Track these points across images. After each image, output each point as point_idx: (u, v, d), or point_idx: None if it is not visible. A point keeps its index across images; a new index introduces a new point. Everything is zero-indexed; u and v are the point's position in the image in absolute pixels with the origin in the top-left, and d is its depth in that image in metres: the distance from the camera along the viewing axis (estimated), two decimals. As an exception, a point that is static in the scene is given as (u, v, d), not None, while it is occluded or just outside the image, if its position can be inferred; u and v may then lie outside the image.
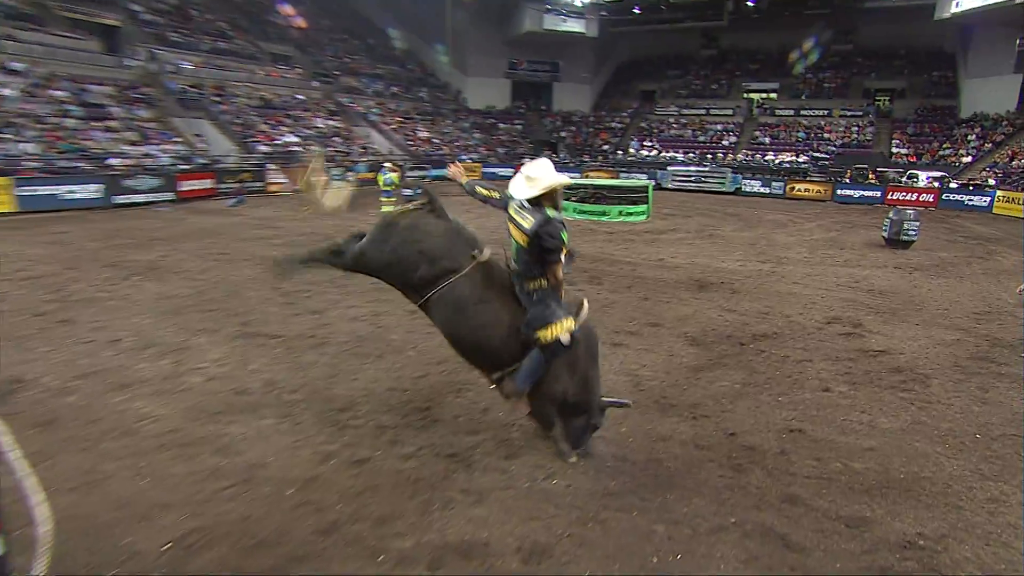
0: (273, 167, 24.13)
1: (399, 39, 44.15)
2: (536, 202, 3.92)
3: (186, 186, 20.19)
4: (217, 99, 27.15)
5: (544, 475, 4.22)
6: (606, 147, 40.35)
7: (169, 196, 19.44)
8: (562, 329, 3.94)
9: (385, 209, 7.02)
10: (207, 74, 28.19)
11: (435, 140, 36.30)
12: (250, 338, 6.77)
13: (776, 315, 8.51)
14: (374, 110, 35.49)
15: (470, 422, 4.98)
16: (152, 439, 4.53)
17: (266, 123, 27.91)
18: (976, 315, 8.94)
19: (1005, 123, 32.21)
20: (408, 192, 17.03)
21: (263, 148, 25.85)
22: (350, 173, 22.75)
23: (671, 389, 5.89)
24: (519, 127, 42.57)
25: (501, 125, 42.18)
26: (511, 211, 4.05)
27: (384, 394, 5.45)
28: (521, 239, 3.93)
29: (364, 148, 30.94)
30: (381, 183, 16.74)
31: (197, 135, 24.14)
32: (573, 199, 18.44)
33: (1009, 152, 29.95)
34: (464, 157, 35.14)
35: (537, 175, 3.89)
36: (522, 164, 4.94)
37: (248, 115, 27.65)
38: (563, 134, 42.22)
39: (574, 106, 44.84)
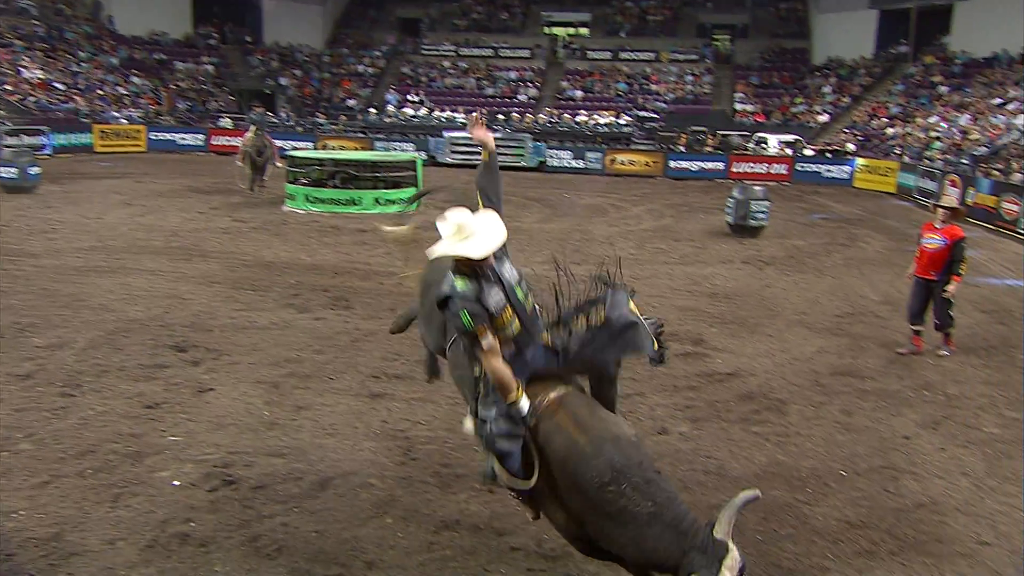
0: None
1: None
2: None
3: None
4: None
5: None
6: (351, 102, 40.63)
7: None
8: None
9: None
10: None
11: (57, 85, 33.49)
12: None
13: (598, 336, 9.23)
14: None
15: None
16: None
17: None
18: (838, 318, 10.62)
19: (863, 71, 38.94)
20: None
21: None
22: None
23: (457, 452, 6.13)
24: (210, 68, 41.03)
25: (179, 65, 40.32)
26: None
27: None
28: None
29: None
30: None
31: None
32: (303, 182, 18.24)
33: (868, 109, 36.21)
34: (115, 115, 32.99)
35: (476, 230, 3.83)
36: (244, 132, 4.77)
37: None
38: (283, 81, 41.63)
39: (299, 38, 44.51)
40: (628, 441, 3.84)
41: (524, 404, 3.85)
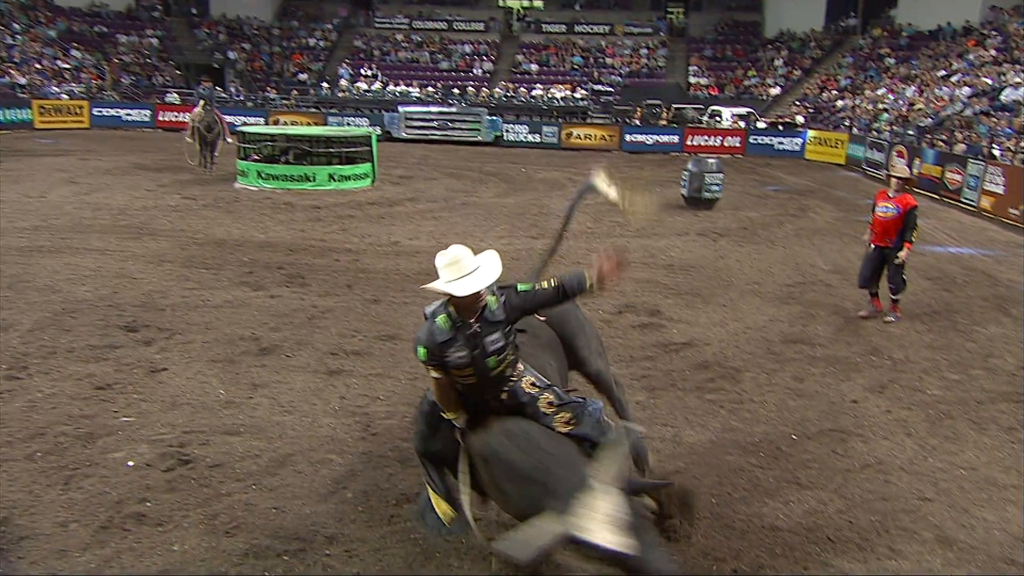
0: None
1: None
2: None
3: None
4: None
5: None
6: (302, 76, 40.09)
7: None
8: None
9: None
10: None
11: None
12: None
13: (554, 309, 9.32)
14: None
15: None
16: None
17: None
18: (789, 287, 10.84)
19: (813, 44, 39.42)
20: None
21: None
22: None
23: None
24: (154, 42, 40.12)
25: (122, 38, 39.35)
26: None
27: None
28: None
29: None
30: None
31: None
32: (255, 158, 18.01)
33: (818, 81, 36.70)
34: (55, 90, 32.17)
35: (470, 269, 3.81)
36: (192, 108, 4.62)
37: None
38: (231, 55, 40.88)
39: (247, 11, 43.66)
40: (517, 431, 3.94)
41: (460, 421, 4.12)
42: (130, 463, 5.49)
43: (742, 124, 32.18)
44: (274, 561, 4.48)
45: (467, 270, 3.78)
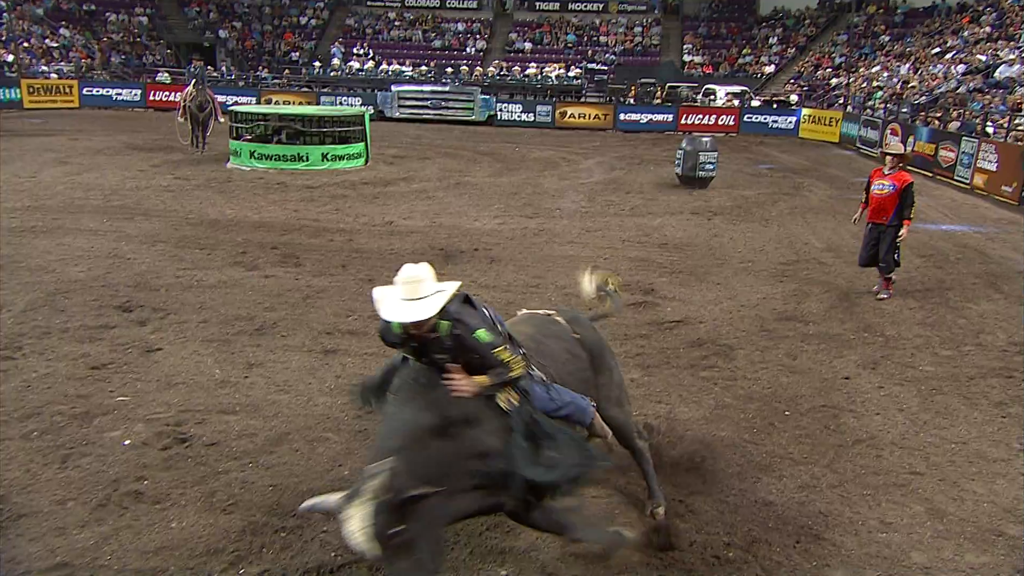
0: None
1: None
2: None
3: None
4: None
5: None
6: (295, 55, 39.85)
7: None
8: None
9: None
10: None
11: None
12: None
13: (548, 287, 9.38)
14: None
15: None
16: None
17: None
18: (783, 265, 10.87)
19: (808, 22, 39.31)
20: None
21: None
22: None
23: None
24: (144, 20, 39.83)
25: (111, 16, 39.05)
26: None
27: None
28: None
29: None
30: None
31: None
32: (247, 138, 17.95)
33: (813, 59, 36.63)
34: (44, 69, 31.93)
35: (422, 295, 3.74)
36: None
37: None
38: (222, 33, 40.60)
39: (238, -10, 43.43)
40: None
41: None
42: (126, 442, 5.51)
43: (736, 102, 32.12)
44: (272, 537, 4.52)
45: (415, 295, 3.72)
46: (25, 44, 33.49)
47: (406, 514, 3.31)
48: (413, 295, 3.73)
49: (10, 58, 31.69)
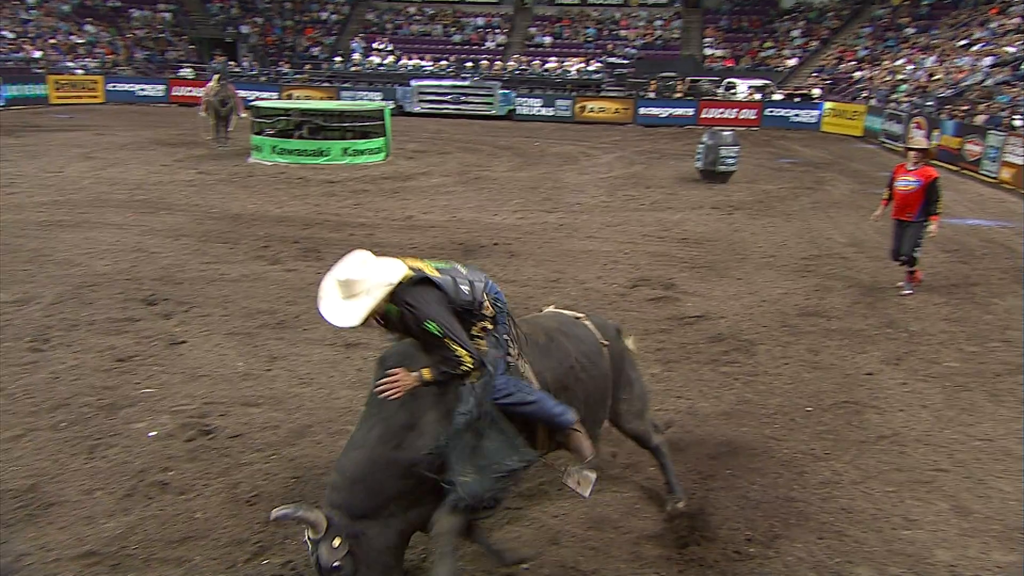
0: None
1: None
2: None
3: None
4: None
5: None
6: (315, 50, 39.96)
7: None
8: None
9: None
10: None
11: (6, 33, 32.59)
12: None
13: (568, 281, 9.39)
14: None
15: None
16: None
17: None
18: (805, 260, 10.81)
19: (831, 14, 38.94)
20: None
21: None
22: None
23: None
24: (167, 16, 40.09)
25: (135, 12, 39.34)
26: None
27: None
28: None
29: None
30: None
31: None
32: (269, 133, 18.04)
33: (836, 52, 36.30)
34: (70, 65, 32.26)
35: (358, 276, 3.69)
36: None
37: None
38: (244, 29, 40.79)
39: (260, -15, 43.61)
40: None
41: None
42: (152, 433, 5.58)
43: (758, 96, 31.91)
44: (295, 529, 4.56)
45: (347, 294, 3.67)
46: (52, 40, 33.80)
47: (343, 552, 3.55)
48: (345, 293, 3.67)
49: (37, 54, 31.98)
